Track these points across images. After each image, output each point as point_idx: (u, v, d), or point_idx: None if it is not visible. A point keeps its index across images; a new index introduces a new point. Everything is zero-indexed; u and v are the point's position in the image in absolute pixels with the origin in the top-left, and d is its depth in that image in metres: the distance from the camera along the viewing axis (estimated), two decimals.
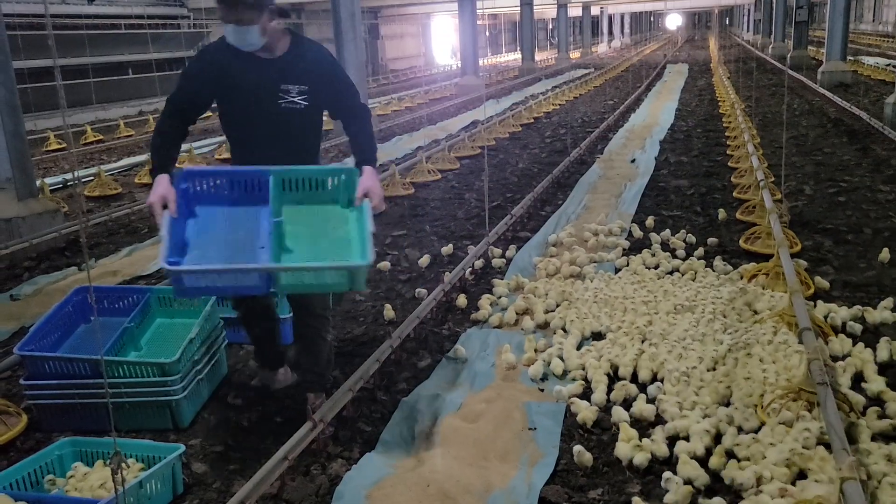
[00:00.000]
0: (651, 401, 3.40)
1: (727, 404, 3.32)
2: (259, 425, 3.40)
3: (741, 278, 4.90)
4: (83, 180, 9.37)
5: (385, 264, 5.60)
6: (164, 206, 2.95)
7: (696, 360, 3.68)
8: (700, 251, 5.51)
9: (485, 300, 4.69)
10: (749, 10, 49.65)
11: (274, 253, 2.85)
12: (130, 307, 3.79)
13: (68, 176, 9.96)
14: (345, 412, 3.34)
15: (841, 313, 4.20)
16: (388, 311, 4.54)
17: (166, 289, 3.96)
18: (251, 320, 3.54)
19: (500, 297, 4.78)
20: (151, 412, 3.33)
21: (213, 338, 3.70)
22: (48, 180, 8.81)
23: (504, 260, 5.59)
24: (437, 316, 4.55)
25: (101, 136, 13.93)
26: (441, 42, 42.12)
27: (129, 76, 19.04)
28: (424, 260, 5.67)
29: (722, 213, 6.50)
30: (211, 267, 2.81)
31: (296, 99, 3.17)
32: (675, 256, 5.43)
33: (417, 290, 4.93)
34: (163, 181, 3.00)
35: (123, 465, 2.26)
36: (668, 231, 5.99)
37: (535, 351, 3.95)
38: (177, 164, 3.14)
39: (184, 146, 11.30)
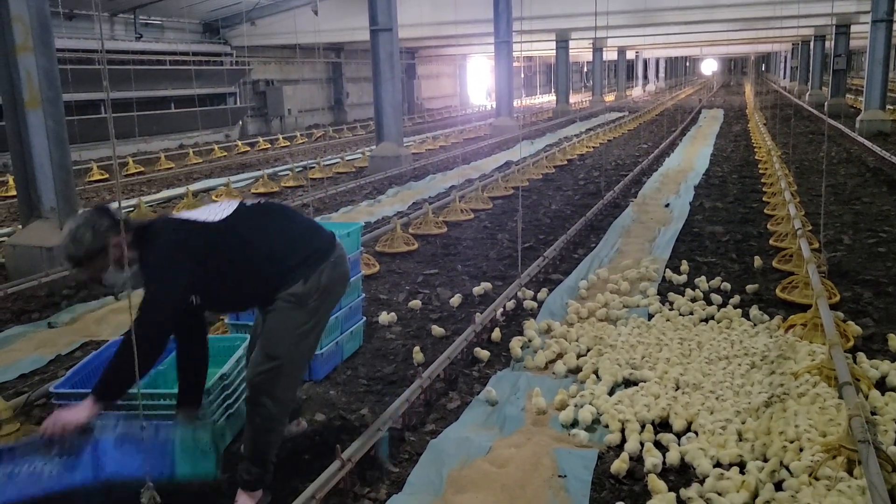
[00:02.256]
0: (684, 452, 3.33)
1: (763, 459, 3.23)
2: (287, 462, 3.38)
3: (777, 328, 4.81)
4: (124, 211, 9.56)
5: (416, 303, 5.60)
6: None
7: (730, 411, 3.61)
8: (736, 299, 5.43)
9: (515, 342, 4.66)
10: (786, 57, 49.57)
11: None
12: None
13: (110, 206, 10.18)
14: (372, 452, 3.32)
15: (882, 367, 4.10)
16: (417, 354, 4.52)
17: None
18: None
19: (531, 340, 4.75)
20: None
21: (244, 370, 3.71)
22: None
23: (536, 302, 5.56)
24: (467, 357, 4.53)
25: (142, 168, 14.27)
26: (476, 82, 42.60)
27: (171, 110, 19.52)
28: (456, 300, 5.66)
29: (758, 261, 6.41)
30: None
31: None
32: (709, 304, 5.36)
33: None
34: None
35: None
36: (702, 277, 5.92)
37: (567, 396, 3.90)
38: (213, 197, 3.16)
39: (221, 181, 11.47)
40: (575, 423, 3.67)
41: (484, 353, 4.55)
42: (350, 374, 4.34)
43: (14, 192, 9.33)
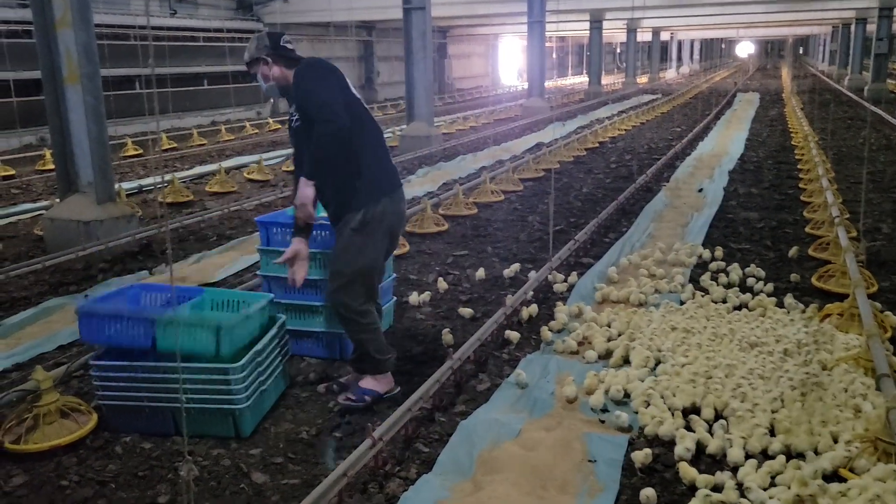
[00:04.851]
0: (715, 439, 3.31)
1: (796, 449, 3.20)
2: (318, 439, 3.43)
3: (813, 318, 4.74)
4: (158, 186, 9.68)
5: (442, 283, 5.61)
6: None
7: (763, 400, 3.57)
8: (770, 287, 5.35)
9: (545, 326, 4.65)
10: (825, 41, 48.41)
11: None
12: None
13: (144, 181, 10.32)
14: (403, 432, 3.35)
15: None
16: (447, 336, 4.52)
17: (221, 291, 4.11)
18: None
19: (561, 324, 4.74)
20: (215, 419, 3.39)
21: (277, 347, 3.76)
22: (124, 185, 9.14)
23: (566, 285, 5.54)
24: (497, 339, 4.53)
25: (175, 144, 14.40)
26: (507, 63, 42.27)
27: (204, 87, 19.65)
28: (486, 282, 5.66)
29: (793, 249, 6.31)
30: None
31: (296, 117, 3.59)
32: (743, 291, 5.30)
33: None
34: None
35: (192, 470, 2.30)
36: (736, 264, 5.84)
37: (597, 380, 3.89)
38: (245, 174, 3.33)
39: (253, 158, 11.59)
40: (605, 408, 3.66)
41: (514, 336, 4.55)
42: None
43: (52, 166, 9.47)
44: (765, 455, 3.20)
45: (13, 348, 4.58)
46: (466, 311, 5.02)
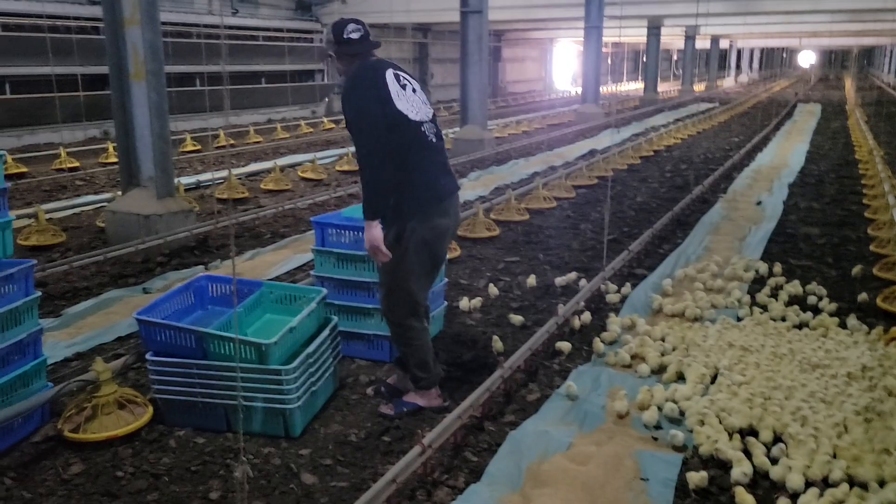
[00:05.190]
0: (773, 462, 3.21)
1: (858, 477, 3.08)
2: (367, 443, 3.43)
3: (878, 340, 4.57)
4: (215, 182, 9.86)
5: (493, 289, 5.57)
6: None
7: (824, 424, 3.45)
8: (832, 306, 5.18)
9: (597, 337, 4.59)
10: (892, 51, 46.89)
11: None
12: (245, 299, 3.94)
13: (201, 177, 10.52)
14: (452, 440, 3.33)
15: None
16: (497, 343, 4.49)
17: (278, 285, 4.16)
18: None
19: (614, 336, 4.66)
20: (266, 418, 3.42)
21: (329, 349, 3.78)
22: (183, 180, 9.33)
23: (619, 296, 5.45)
24: (548, 349, 4.48)
25: (232, 141, 14.66)
26: (561, 67, 41.98)
27: (262, 85, 19.97)
28: (537, 289, 5.61)
29: (857, 268, 6.10)
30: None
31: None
32: (804, 310, 5.14)
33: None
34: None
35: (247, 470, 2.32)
36: (796, 281, 5.67)
37: (650, 396, 3.81)
38: (299, 173, 3.33)
39: (307, 156, 11.68)
40: (658, 425, 3.59)
41: (565, 346, 4.49)
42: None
43: (114, 160, 9.74)
44: (825, 483, 3.10)
45: (74, 338, 4.70)
46: (517, 319, 4.98)
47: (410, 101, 3.46)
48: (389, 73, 3.45)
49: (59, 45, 13.94)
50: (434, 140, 3.53)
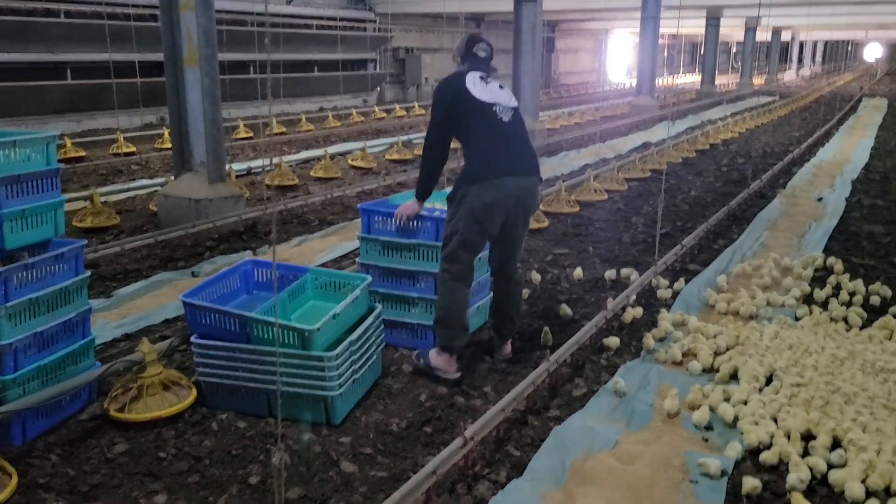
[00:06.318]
0: (832, 467, 3.06)
1: None
2: (408, 433, 3.38)
3: None
4: (266, 169, 9.94)
5: (537, 277, 5.46)
6: None
7: (889, 430, 3.28)
8: None
9: (648, 333, 4.45)
10: None
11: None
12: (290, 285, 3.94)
13: (253, 164, 10.62)
14: (494, 433, 3.25)
15: None
16: (547, 336, 4.39)
17: (324, 271, 4.15)
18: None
19: (665, 332, 4.52)
20: (307, 404, 3.40)
21: (372, 337, 3.74)
22: (234, 166, 9.43)
23: (670, 292, 5.30)
24: (596, 343, 4.37)
25: (284, 129, 14.78)
26: (616, 59, 41.29)
27: (314, 73, 20.08)
28: (586, 282, 5.49)
29: None
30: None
31: None
32: (866, 310, 4.91)
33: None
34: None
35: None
36: (859, 281, 5.43)
37: (702, 395, 3.67)
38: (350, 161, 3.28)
39: (358, 145, 11.69)
40: (709, 426, 3.46)
41: (613, 341, 4.37)
42: (474, 350, 4.27)
43: (169, 145, 9.87)
44: (887, 493, 2.93)
45: (123, 318, 4.77)
46: (565, 311, 4.87)
47: (487, 90, 3.85)
48: (473, 74, 3.88)
49: (118, 32, 14.20)
50: (506, 120, 3.83)
